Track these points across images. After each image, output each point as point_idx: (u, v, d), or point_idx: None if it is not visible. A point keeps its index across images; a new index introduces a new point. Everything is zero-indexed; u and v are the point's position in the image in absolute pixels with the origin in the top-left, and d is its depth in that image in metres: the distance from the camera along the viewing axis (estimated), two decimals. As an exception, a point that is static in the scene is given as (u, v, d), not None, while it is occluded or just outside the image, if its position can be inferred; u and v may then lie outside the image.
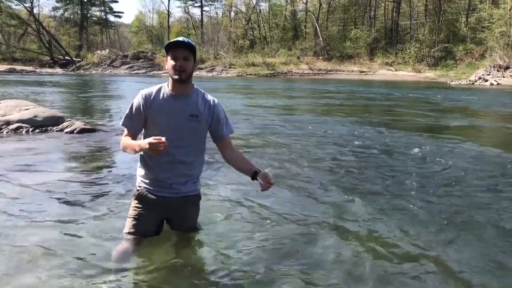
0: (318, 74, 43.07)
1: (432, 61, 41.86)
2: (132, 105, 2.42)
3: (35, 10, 57.49)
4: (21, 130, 6.98)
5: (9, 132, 6.90)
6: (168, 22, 64.24)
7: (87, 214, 3.31)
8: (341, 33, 51.69)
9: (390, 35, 49.31)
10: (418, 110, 12.86)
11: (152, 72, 44.11)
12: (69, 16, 64.81)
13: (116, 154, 5.61)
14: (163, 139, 2.13)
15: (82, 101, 14.76)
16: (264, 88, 23.64)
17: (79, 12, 63.62)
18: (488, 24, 39.23)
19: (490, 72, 32.29)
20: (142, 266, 2.45)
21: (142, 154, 2.43)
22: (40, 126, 7.15)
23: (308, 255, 2.69)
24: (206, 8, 64.90)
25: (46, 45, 53.73)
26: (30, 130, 7.01)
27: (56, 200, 3.61)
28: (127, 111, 2.44)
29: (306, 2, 55.26)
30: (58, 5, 63.53)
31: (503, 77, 30.91)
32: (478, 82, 30.63)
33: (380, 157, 5.74)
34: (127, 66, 46.33)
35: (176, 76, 2.30)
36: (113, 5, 68.42)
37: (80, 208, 3.45)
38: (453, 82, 31.64)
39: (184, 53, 2.29)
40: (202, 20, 62.64)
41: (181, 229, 2.67)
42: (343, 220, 3.31)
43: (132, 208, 2.54)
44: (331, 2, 53.69)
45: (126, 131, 2.45)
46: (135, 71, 44.59)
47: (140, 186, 2.51)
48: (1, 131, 6.90)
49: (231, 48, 49.75)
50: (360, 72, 42.52)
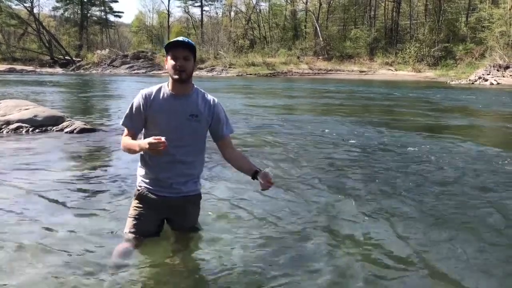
0: (318, 74, 43.05)
1: (432, 60, 41.84)
2: (132, 105, 2.43)
3: (35, 10, 57.57)
4: (21, 130, 6.98)
5: (9, 132, 6.91)
6: (168, 22, 64.22)
7: (87, 213, 3.31)
8: (341, 33, 51.67)
9: (390, 35, 49.30)
10: (417, 109, 12.86)
11: (152, 72, 44.09)
12: (69, 16, 64.84)
13: (116, 154, 5.61)
14: (163, 139, 2.13)
15: (82, 101, 14.76)
16: (264, 88, 23.64)
17: (79, 12, 63.60)
18: (488, 23, 39.21)
19: (490, 71, 32.29)
20: (142, 266, 2.45)
21: (142, 154, 2.44)
22: (40, 126, 7.15)
23: (307, 256, 2.69)
24: (206, 8, 65.02)
25: (46, 44, 53.69)
26: (30, 130, 7.01)
27: (56, 199, 3.61)
28: (127, 111, 2.44)
29: (306, 2, 55.23)
30: (58, 4, 63.64)
31: (503, 76, 30.91)
32: (478, 82, 30.62)
33: (378, 157, 5.73)
34: (127, 66, 46.31)
35: (176, 76, 2.31)
36: (113, 5, 68.50)
37: (80, 207, 3.45)
38: (453, 82, 31.63)
39: (184, 53, 2.29)
40: (202, 20, 62.64)
41: (181, 229, 2.67)
42: (339, 220, 3.29)
43: (132, 208, 2.55)
44: (331, 2, 53.67)
45: (126, 131, 2.46)
46: (135, 71, 44.57)
47: (140, 186, 2.51)
48: (1, 131, 6.90)
49: (231, 48, 49.72)
50: (360, 72, 42.50)
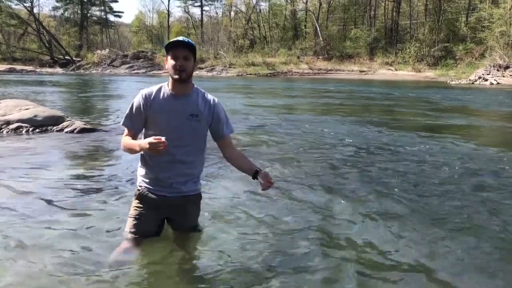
0: (318, 73, 43.06)
1: (432, 60, 41.83)
2: (132, 105, 2.43)
3: (35, 10, 57.56)
4: (21, 129, 6.98)
5: (9, 131, 6.90)
6: (168, 21, 64.22)
7: (87, 213, 3.31)
8: (341, 32, 51.66)
9: (390, 35, 49.29)
10: (417, 109, 12.86)
11: (152, 71, 44.09)
12: (69, 15, 64.83)
13: (116, 154, 5.61)
14: (163, 139, 2.14)
15: (82, 100, 14.76)
16: (264, 87, 23.64)
17: (79, 11, 63.59)
18: (488, 23, 39.18)
19: (490, 71, 32.28)
20: (143, 265, 2.45)
21: (142, 153, 2.44)
22: (40, 125, 7.15)
23: (306, 256, 2.69)
24: (206, 7, 65.03)
25: (46, 44, 53.67)
26: (30, 129, 7.01)
27: (56, 199, 3.61)
28: (127, 111, 2.44)
29: (306, 2, 55.23)
30: (58, 4, 63.65)
31: (503, 76, 30.91)
32: (478, 82, 30.61)
33: (376, 156, 5.72)
34: (127, 65, 46.30)
35: (176, 75, 2.31)
36: (113, 4, 68.52)
37: (80, 207, 3.45)
38: (453, 82, 31.63)
39: (184, 52, 2.29)
40: (202, 19, 62.63)
41: (181, 228, 2.67)
42: (335, 221, 3.28)
43: (133, 207, 2.55)
44: (331, 1, 53.67)
45: (126, 131, 2.46)
46: (135, 71, 44.56)
47: (140, 186, 2.51)
48: (1, 131, 6.90)
49: (231, 47, 49.71)
50: (360, 71, 42.50)
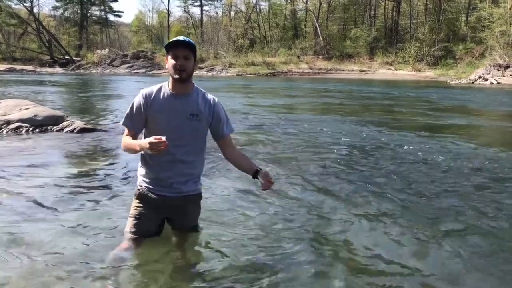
0: (318, 73, 43.03)
1: (432, 60, 41.81)
2: (132, 104, 2.43)
3: (35, 10, 57.40)
4: (21, 129, 6.98)
5: (9, 131, 6.90)
6: (168, 21, 64.18)
7: (87, 213, 3.31)
8: (341, 32, 51.65)
9: (390, 34, 49.27)
10: (417, 109, 12.86)
11: (152, 71, 44.05)
12: (69, 15, 64.72)
13: (116, 153, 5.61)
14: (164, 139, 2.13)
15: (82, 100, 14.76)
16: (263, 87, 23.63)
17: (79, 11, 63.50)
18: (488, 23, 39.18)
19: (490, 71, 32.27)
20: (143, 265, 2.45)
21: (142, 153, 2.43)
22: (40, 125, 7.14)
23: (306, 256, 2.69)
24: (206, 7, 64.95)
25: (46, 44, 53.60)
26: (30, 129, 7.00)
27: (55, 199, 3.61)
28: (128, 111, 2.44)
29: (306, 2, 55.20)
30: (58, 4, 63.49)
31: (503, 76, 30.89)
32: (478, 81, 30.61)
33: (375, 156, 5.72)
34: (127, 65, 46.25)
35: (176, 75, 2.31)
36: (113, 4, 68.43)
37: (79, 207, 3.45)
38: (453, 81, 31.62)
39: (184, 52, 2.29)
40: (202, 19, 62.58)
41: (181, 228, 2.67)
42: (331, 221, 3.27)
43: (133, 207, 2.55)
44: (331, 1, 53.65)
45: (126, 131, 2.46)
46: (135, 71, 44.52)
47: (141, 186, 2.51)
48: (1, 131, 6.90)
49: (231, 47, 49.67)
50: (360, 71, 42.48)
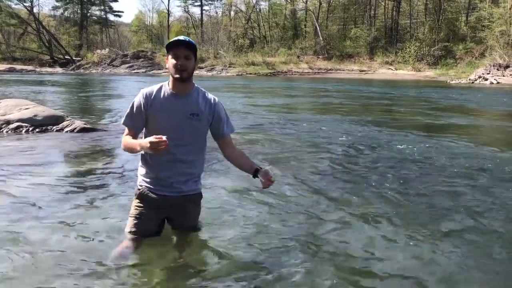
0: (318, 73, 43.01)
1: (432, 60, 41.81)
2: (133, 104, 2.43)
3: (35, 9, 57.32)
4: (21, 129, 6.97)
5: (9, 131, 6.90)
6: (168, 21, 64.18)
7: (87, 213, 3.31)
8: (341, 32, 51.64)
9: (390, 34, 49.26)
10: (417, 109, 12.86)
11: (152, 71, 44.02)
12: (69, 15, 64.66)
13: (116, 153, 5.61)
14: (164, 138, 2.13)
15: (82, 100, 14.76)
16: (263, 87, 23.62)
17: (79, 11, 63.45)
18: (488, 23, 39.18)
19: (490, 71, 32.27)
20: (143, 265, 2.45)
21: (143, 153, 2.43)
22: (40, 125, 7.13)
23: (306, 257, 2.69)
24: (206, 7, 64.94)
25: (46, 44, 53.55)
26: (30, 129, 7.00)
27: (56, 199, 3.61)
28: (128, 110, 2.44)
29: (306, 1, 55.18)
30: (58, 4, 63.41)
31: (503, 76, 30.90)
32: (478, 81, 30.61)
33: (372, 156, 5.70)
34: (127, 65, 46.21)
35: (177, 74, 2.30)
36: (113, 4, 68.41)
37: (79, 207, 3.45)
38: (453, 81, 31.61)
39: (185, 52, 2.29)
40: (202, 19, 62.57)
41: (181, 228, 2.67)
42: (327, 222, 3.25)
43: (133, 207, 2.55)
44: (331, 1, 53.64)
45: (127, 130, 2.46)
46: (135, 71, 44.48)
47: (141, 185, 2.51)
48: (1, 130, 6.90)
49: (231, 47, 49.65)
50: (360, 71, 42.47)
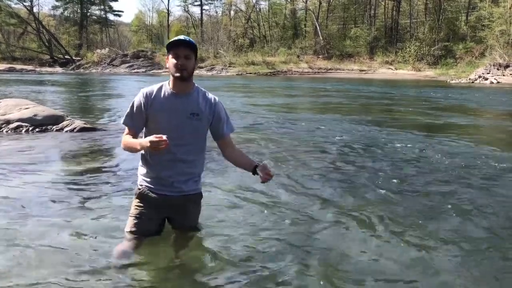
0: (318, 72, 43.00)
1: (432, 59, 41.81)
2: (133, 103, 2.42)
3: (35, 9, 57.27)
4: (21, 129, 6.97)
5: (9, 131, 6.89)
6: (168, 21, 64.16)
7: (87, 212, 3.31)
8: (341, 31, 51.62)
9: (390, 34, 49.26)
10: (416, 108, 12.85)
11: (152, 71, 44.01)
12: (68, 15, 64.68)
13: (116, 153, 5.60)
14: (164, 137, 2.13)
15: (82, 100, 14.75)
16: (263, 86, 23.62)
17: (79, 11, 63.46)
18: (488, 22, 39.19)
19: (490, 70, 32.27)
20: (143, 265, 2.45)
21: (143, 152, 2.43)
22: (40, 125, 7.13)
23: (305, 256, 2.69)
24: (205, 7, 64.96)
25: (46, 44, 53.51)
26: (30, 129, 6.99)
27: (56, 199, 3.61)
28: (128, 110, 2.44)
29: (306, 1, 55.17)
30: (57, 4, 63.43)
31: (503, 75, 30.89)
32: (478, 81, 30.60)
33: (370, 155, 5.69)
34: (127, 65, 46.21)
35: (177, 74, 2.30)
36: (112, 4, 68.40)
37: (79, 207, 3.45)
38: (453, 81, 31.60)
39: (185, 51, 2.29)
40: (201, 18, 62.55)
41: (182, 227, 2.67)
42: (322, 223, 3.21)
43: (133, 207, 2.54)
44: (331, 0, 53.62)
45: (127, 130, 2.45)
46: (135, 70, 44.47)
47: (141, 185, 2.51)
48: (1, 130, 6.89)
49: (231, 47, 49.64)
50: (360, 70, 42.45)
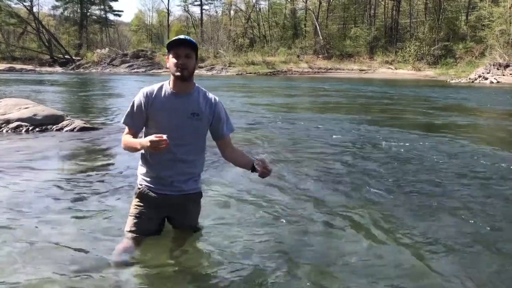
0: (318, 72, 43.00)
1: (432, 59, 41.82)
2: (133, 103, 2.42)
3: (35, 9, 57.26)
4: (20, 129, 6.97)
5: (8, 130, 6.89)
6: (167, 20, 64.15)
7: (87, 212, 3.31)
8: (341, 31, 51.63)
9: (390, 34, 49.26)
10: (416, 108, 12.85)
11: (151, 70, 44.01)
12: (68, 14, 64.66)
13: (116, 152, 5.60)
14: (165, 137, 2.13)
15: (82, 99, 14.75)
16: (263, 86, 23.62)
17: (79, 10, 63.46)
18: (488, 22, 39.21)
19: (490, 70, 32.28)
20: (143, 264, 2.45)
21: (143, 152, 2.43)
22: (39, 124, 7.13)
23: (304, 256, 2.69)
24: (205, 6, 65.01)
25: (46, 44, 53.51)
26: (30, 129, 6.99)
27: (56, 198, 3.61)
28: (128, 109, 2.43)
29: (306, 1, 55.17)
30: (57, 3, 63.41)
31: (503, 75, 30.90)
32: (478, 80, 30.61)
33: (370, 155, 5.69)
34: (127, 64, 46.21)
35: (178, 73, 2.30)
36: (112, 3, 68.26)
37: (79, 206, 3.44)
38: (453, 81, 31.61)
39: (186, 51, 2.29)
40: (201, 18, 62.54)
41: (181, 227, 2.67)
42: (319, 224, 3.20)
43: (133, 206, 2.54)
44: (331, 0, 53.63)
45: (127, 129, 2.45)
46: (135, 70, 44.47)
47: (141, 185, 2.50)
48: (0, 130, 6.89)
49: (231, 46, 49.64)
50: (360, 70, 42.46)
